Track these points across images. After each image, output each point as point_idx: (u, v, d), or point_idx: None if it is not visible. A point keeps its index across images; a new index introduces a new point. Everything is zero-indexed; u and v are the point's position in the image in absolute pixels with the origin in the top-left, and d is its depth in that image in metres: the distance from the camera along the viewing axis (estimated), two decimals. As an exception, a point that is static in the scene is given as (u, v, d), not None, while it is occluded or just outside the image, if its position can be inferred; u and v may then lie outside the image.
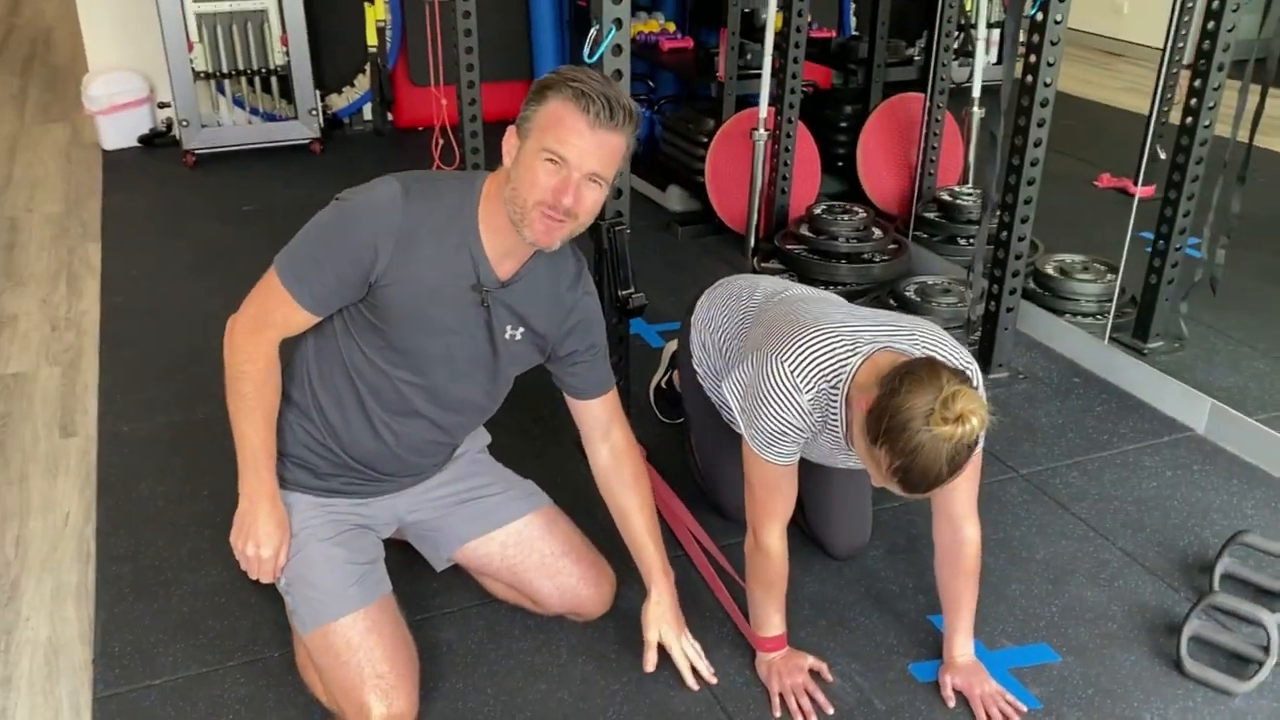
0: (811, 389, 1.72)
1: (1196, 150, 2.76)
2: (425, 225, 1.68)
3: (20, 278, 3.56)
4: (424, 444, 1.88)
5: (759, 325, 1.97)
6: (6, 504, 2.39)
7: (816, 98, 4.34)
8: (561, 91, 1.61)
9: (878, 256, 3.48)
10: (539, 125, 1.63)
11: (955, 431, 1.49)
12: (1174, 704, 1.86)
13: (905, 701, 1.87)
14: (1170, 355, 2.96)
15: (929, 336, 1.79)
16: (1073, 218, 4.02)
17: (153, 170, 4.57)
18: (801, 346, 1.75)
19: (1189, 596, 2.10)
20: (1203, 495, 2.44)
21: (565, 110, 1.61)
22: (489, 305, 1.75)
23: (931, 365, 1.56)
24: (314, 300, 1.70)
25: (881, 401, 1.55)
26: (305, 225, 1.72)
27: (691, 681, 1.88)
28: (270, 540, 1.79)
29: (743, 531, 1.96)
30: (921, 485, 1.54)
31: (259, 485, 1.79)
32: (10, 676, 1.92)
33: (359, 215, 1.67)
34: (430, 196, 1.70)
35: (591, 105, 1.60)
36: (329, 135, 4.90)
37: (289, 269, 1.69)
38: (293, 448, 1.84)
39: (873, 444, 1.56)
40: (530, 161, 1.63)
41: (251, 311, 1.75)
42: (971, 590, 1.87)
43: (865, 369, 1.68)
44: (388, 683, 1.73)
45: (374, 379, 1.78)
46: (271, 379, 1.77)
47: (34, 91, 5.89)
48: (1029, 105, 2.67)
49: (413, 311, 1.71)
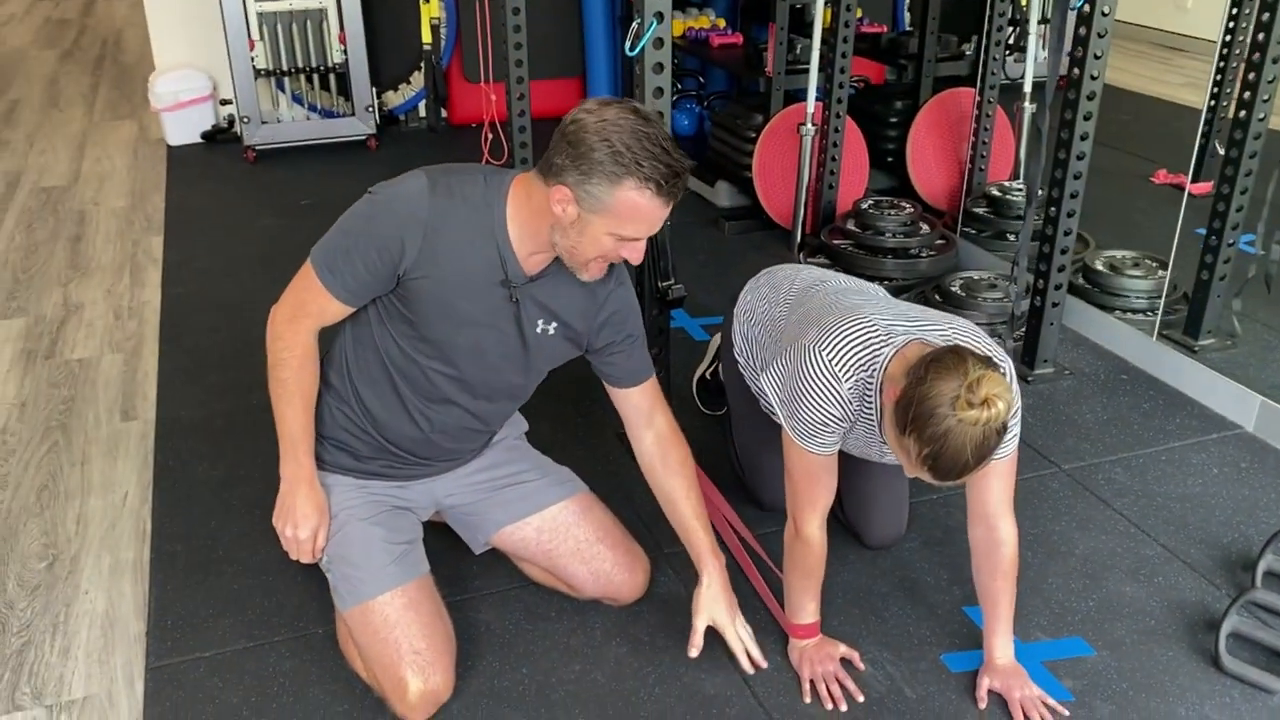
0: (850, 377, 1.74)
1: (1250, 144, 2.72)
2: (452, 219, 1.70)
3: (87, 268, 3.69)
4: (459, 430, 1.92)
5: (796, 315, 1.99)
6: (69, 483, 2.49)
7: (867, 93, 4.34)
8: (636, 180, 1.57)
9: (924, 252, 3.47)
10: (612, 212, 1.61)
11: (981, 415, 1.49)
12: (1210, 700, 1.85)
13: (936, 691, 1.87)
14: (1221, 353, 2.91)
15: (963, 332, 1.79)
16: (1127, 214, 3.96)
17: (214, 165, 4.70)
18: (837, 336, 1.77)
19: (1230, 593, 2.08)
20: (1250, 493, 2.41)
21: (644, 199, 1.60)
22: (518, 300, 1.78)
23: (957, 352, 1.57)
24: (346, 291, 1.74)
25: (908, 390, 1.56)
26: (339, 218, 1.76)
27: (746, 665, 1.88)
28: (308, 523, 1.84)
29: (779, 521, 1.99)
30: (952, 472, 1.55)
31: (297, 469, 1.85)
32: (69, 646, 2.01)
33: (386, 209, 1.71)
34: (457, 191, 1.71)
35: (666, 188, 1.60)
36: (385, 132, 5.00)
37: (323, 261, 1.74)
38: (333, 431, 1.90)
39: (901, 433, 1.58)
40: (598, 235, 1.64)
41: (290, 301, 1.80)
42: (1010, 590, 1.85)
43: (896, 360, 1.70)
44: (425, 659, 1.77)
45: (407, 368, 1.82)
46: (309, 366, 1.82)
47: (104, 89, 6.08)
48: (1076, 99, 2.65)
49: (442, 304, 1.75)
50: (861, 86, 4.38)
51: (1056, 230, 2.80)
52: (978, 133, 3.76)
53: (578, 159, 1.59)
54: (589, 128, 1.59)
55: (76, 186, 4.51)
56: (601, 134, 1.58)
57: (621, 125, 1.58)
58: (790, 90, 3.99)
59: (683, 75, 5.02)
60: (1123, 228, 3.80)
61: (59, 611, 2.09)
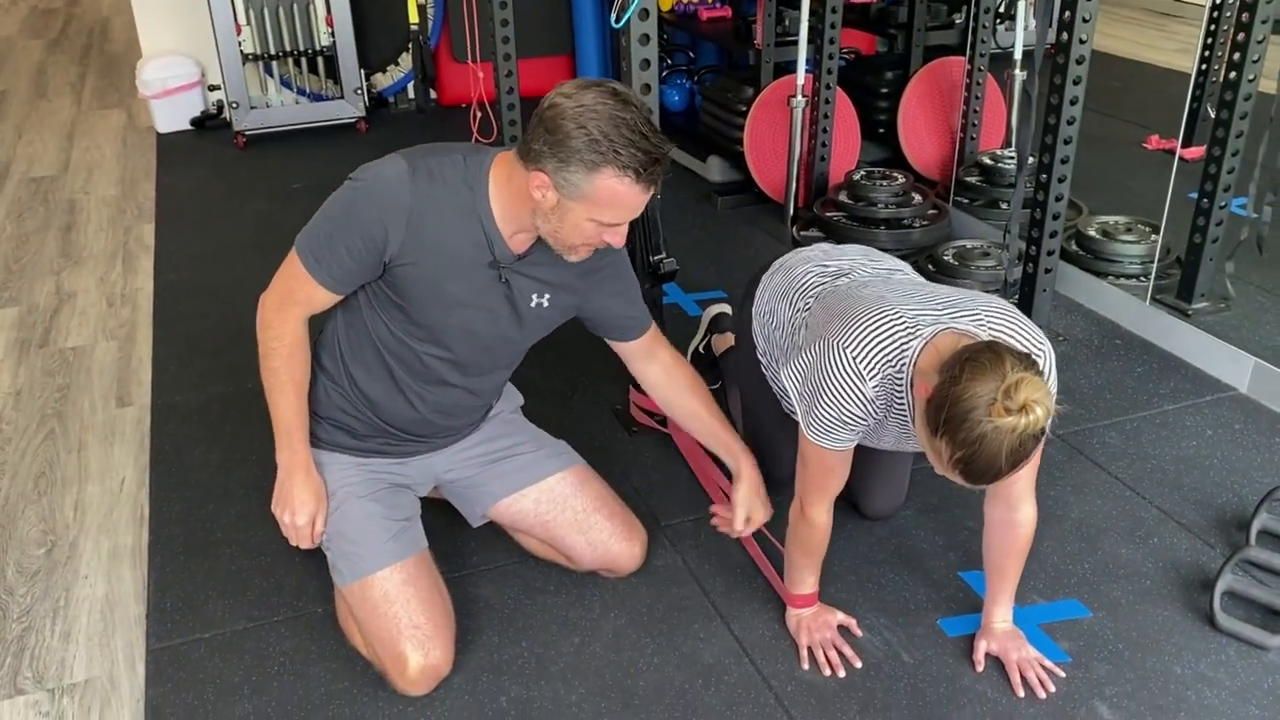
0: (875, 375, 1.66)
1: (1240, 106, 2.71)
2: (434, 203, 1.69)
3: (79, 257, 3.68)
4: (455, 408, 1.93)
5: (820, 310, 1.90)
6: (66, 470, 2.50)
7: (857, 64, 4.32)
8: (615, 168, 1.56)
9: (917, 222, 3.46)
10: (590, 199, 1.60)
11: (1019, 422, 1.41)
12: (1205, 658, 1.86)
13: (933, 655, 1.88)
14: (1215, 315, 2.91)
15: (996, 316, 1.69)
16: (1120, 180, 3.96)
17: (204, 152, 4.69)
18: (862, 332, 1.68)
19: (1225, 553, 2.09)
20: (1244, 454, 2.41)
21: (622, 187, 1.58)
22: (507, 280, 1.78)
23: (994, 350, 1.47)
24: (332, 279, 1.74)
25: (942, 390, 1.48)
26: (323, 205, 1.75)
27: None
28: (305, 509, 1.85)
29: (776, 491, 1.99)
30: (985, 477, 1.49)
31: (292, 456, 1.85)
32: (70, 630, 2.02)
33: (367, 195, 1.70)
34: (437, 174, 1.70)
35: (645, 174, 1.58)
36: (374, 114, 4.98)
37: (308, 249, 1.74)
38: (329, 411, 1.91)
39: (933, 434, 1.50)
40: (578, 221, 1.64)
41: (278, 290, 1.80)
42: (1019, 566, 1.84)
43: (927, 353, 1.62)
44: (424, 633, 1.78)
45: (401, 352, 1.82)
46: (299, 354, 1.82)
47: (91, 78, 6.05)
48: (1065, 64, 2.64)
49: (431, 289, 1.74)
50: (852, 58, 4.36)
51: (1048, 197, 2.79)
52: (969, 101, 3.75)
53: (555, 146, 1.57)
54: (566, 113, 1.56)
55: (66, 176, 4.50)
56: (579, 120, 1.55)
57: (599, 111, 1.55)
58: (780, 63, 3.97)
59: (672, 50, 4.99)
60: (1116, 193, 3.80)
61: (59, 596, 2.10)
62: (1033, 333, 1.69)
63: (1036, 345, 1.67)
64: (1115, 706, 1.76)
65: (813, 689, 1.82)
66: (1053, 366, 1.67)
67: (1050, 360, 1.67)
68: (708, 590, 2.04)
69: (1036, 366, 1.49)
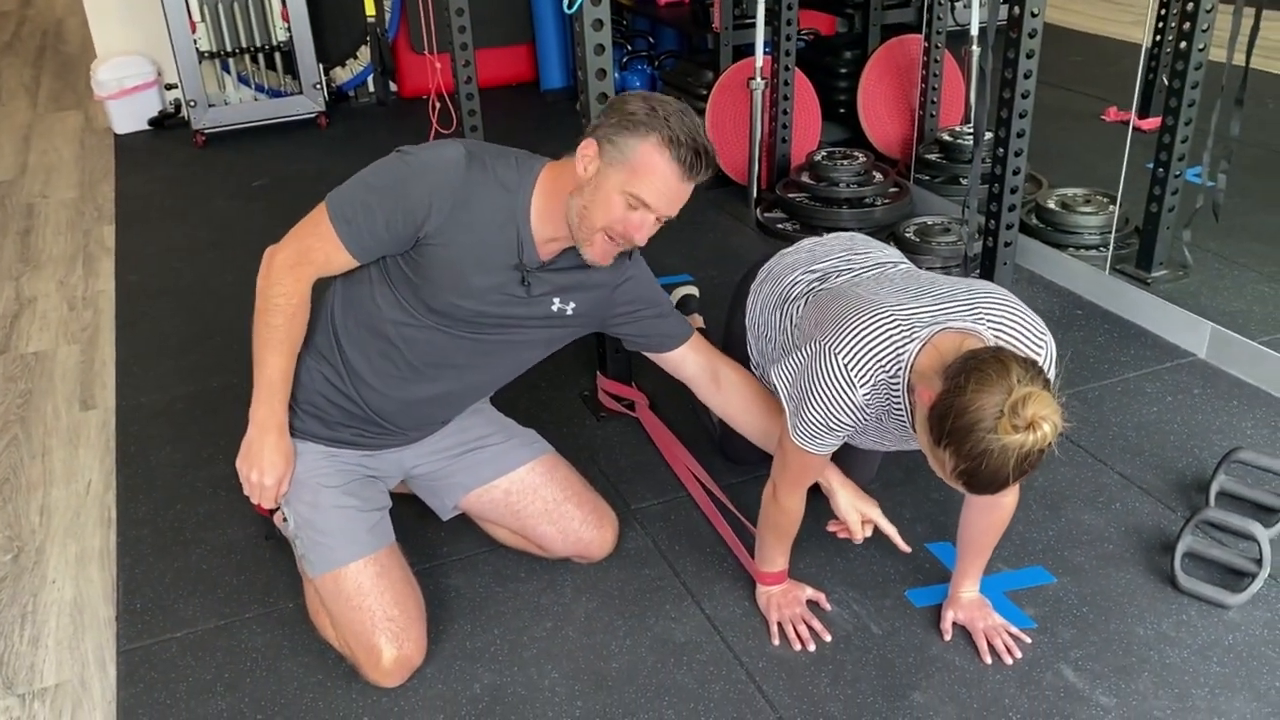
0: (868, 381, 1.63)
1: (1192, 75, 2.75)
2: (481, 194, 1.72)
3: (38, 261, 3.64)
4: (445, 398, 1.92)
5: (811, 311, 1.86)
6: (30, 475, 2.48)
7: (816, 45, 4.33)
8: (662, 137, 1.64)
9: (879, 200, 3.49)
10: (630, 165, 1.66)
11: (1025, 440, 1.38)
12: (1168, 618, 1.89)
13: (902, 626, 1.90)
14: (1174, 283, 2.96)
15: (994, 308, 1.65)
16: (1079, 153, 4.00)
17: (164, 152, 4.64)
18: (855, 335, 1.64)
19: (1185, 515, 2.12)
20: (1202, 418, 2.45)
21: (662, 160, 1.65)
22: (529, 284, 1.79)
23: (1000, 360, 1.43)
24: (359, 245, 1.73)
25: (946, 399, 1.44)
26: (362, 170, 1.74)
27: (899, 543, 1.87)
28: (274, 469, 1.82)
29: (745, 473, 2.01)
30: (988, 489, 1.46)
31: (269, 415, 1.82)
32: (39, 635, 2.00)
33: (421, 170, 1.71)
34: (490, 168, 1.74)
35: (688, 158, 1.65)
36: (335, 109, 4.95)
37: (339, 210, 1.71)
38: (309, 395, 1.88)
39: (936, 444, 1.47)
40: (610, 192, 1.68)
41: (294, 246, 1.76)
42: (994, 543, 1.85)
43: (925, 354, 1.58)
44: (398, 625, 1.79)
45: (403, 332, 1.80)
46: (300, 316, 1.79)
47: (46, 80, 5.97)
48: (1018, 38, 2.66)
49: (454, 273, 1.75)
50: (811, 39, 4.37)
51: (1005, 171, 2.82)
52: (927, 79, 3.77)
53: (618, 116, 1.68)
54: (640, 97, 1.70)
55: (23, 179, 4.44)
56: (649, 102, 1.68)
57: (669, 103, 1.68)
58: (739, 45, 3.97)
59: (633, 36, 4.99)
60: (1075, 166, 3.83)
61: (26, 602, 2.08)
62: (1033, 323, 1.67)
63: (1037, 338, 1.65)
64: (1080, 669, 1.79)
65: (784, 664, 1.84)
66: (1054, 358, 1.66)
67: (1051, 353, 1.66)
68: (679, 571, 2.05)
69: (1044, 376, 1.45)
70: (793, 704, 1.76)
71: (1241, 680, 1.76)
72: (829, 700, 1.76)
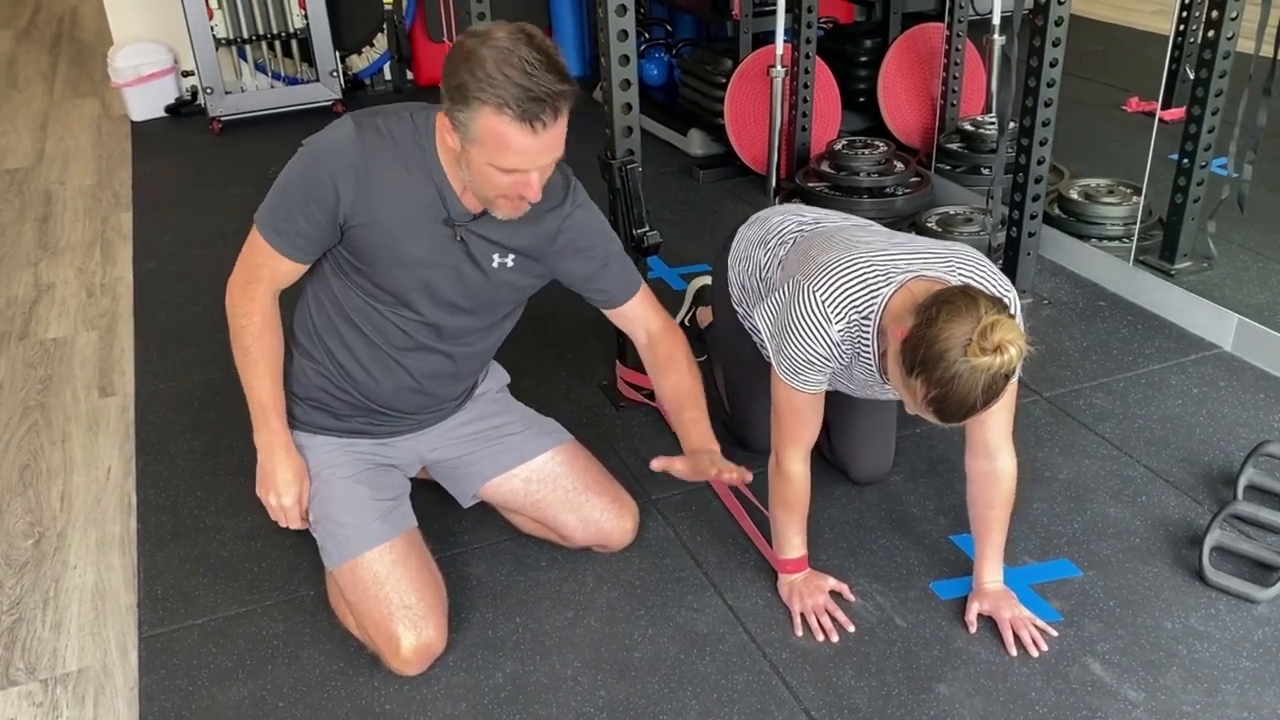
0: (842, 319, 1.71)
1: (1219, 65, 2.71)
2: (383, 160, 1.67)
3: (56, 248, 3.64)
4: (435, 375, 1.90)
5: (795, 253, 1.95)
6: (51, 462, 2.48)
7: (835, 33, 4.30)
8: (493, 104, 1.50)
9: (900, 190, 3.46)
10: (477, 140, 1.55)
11: (993, 361, 1.46)
12: (1195, 612, 1.87)
13: (926, 618, 1.89)
14: (1198, 275, 2.92)
15: (966, 263, 1.75)
16: (1101, 143, 3.96)
17: (180, 139, 4.64)
18: (833, 275, 1.73)
19: (1213, 509, 2.10)
20: (1229, 410, 2.43)
21: (504, 126, 1.51)
22: (464, 239, 1.75)
23: (968, 294, 1.53)
24: (293, 249, 1.72)
25: (918, 331, 1.52)
26: (277, 177, 1.74)
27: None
28: (289, 489, 1.84)
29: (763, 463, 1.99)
30: (957, 415, 1.54)
31: (270, 437, 1.84)
32: (61, 621, 2.00)
33: (317, 157, 1.68)
34: (385, 131, 1.68)
35: (530, 112, 1.50)
36: (351, 96, 4.93)
37: (266, 222, 1.73)
38: (308, 391, 1.89)
39: (908, 374, 1.54)
40: (480, 166, 1.59)
41: (242, 269, 1.79)
42: (1004, 520, 1.85)
43: (899, 297, 1.66)
44: (416, 613, 1.78)
45: (372, 319, 1.80)
46: (269, 331, 1.81)
47: (63, 67, 5.97)
48: (1044, 27, 2.63)
49: (388, 249, 1.72)
50: (830, 27, 4.34)
51: (1029, 161, 2.79)
52: (948, 68, 3.73)
53: (448, 88, 1.55)
54: (463, 50, 1.52)
55: (41, 167, 4.44)
56: (470, 57, 1.51)
57: (494, 47, 1.50)
58: (759, 33, 3.94)
59: (650, 24, 4.96)
60: (1097, 157, 3.80)
61: (48, 587, 2.09)
62: (1001, 281, 1.75)
63: (1004, 291, 1.72)
64: (1108, 663, 1.78)
65: (807, 655, 1.82)
66: (1019, 310, 1.71)
67: (1017, 304, 1.72)
68: (700, 562, 2.04)
69: (1009, 310, 1.55)
70: (817, 696, 1.74)
71: (1272, 675, 1.74)
72: (853, 692, 1.75)
